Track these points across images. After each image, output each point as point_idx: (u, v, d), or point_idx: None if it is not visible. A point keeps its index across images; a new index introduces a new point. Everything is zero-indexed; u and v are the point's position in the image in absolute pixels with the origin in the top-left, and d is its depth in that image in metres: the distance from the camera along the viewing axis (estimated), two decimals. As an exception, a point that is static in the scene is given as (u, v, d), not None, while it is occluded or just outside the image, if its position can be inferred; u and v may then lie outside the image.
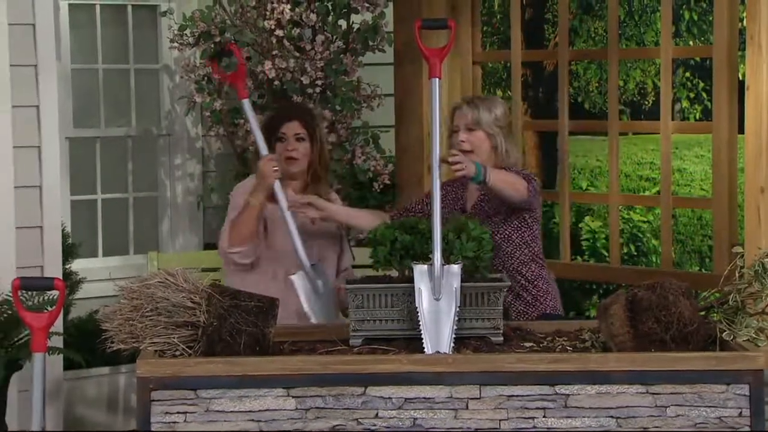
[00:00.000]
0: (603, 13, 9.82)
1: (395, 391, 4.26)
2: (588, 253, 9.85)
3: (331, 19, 7.16)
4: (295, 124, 5.31)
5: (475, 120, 5.28)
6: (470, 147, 5.24)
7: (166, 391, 4.21)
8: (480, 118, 5.27)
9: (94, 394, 7.05)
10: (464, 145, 5.24)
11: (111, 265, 7.41)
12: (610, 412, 4.28)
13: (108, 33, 7.52)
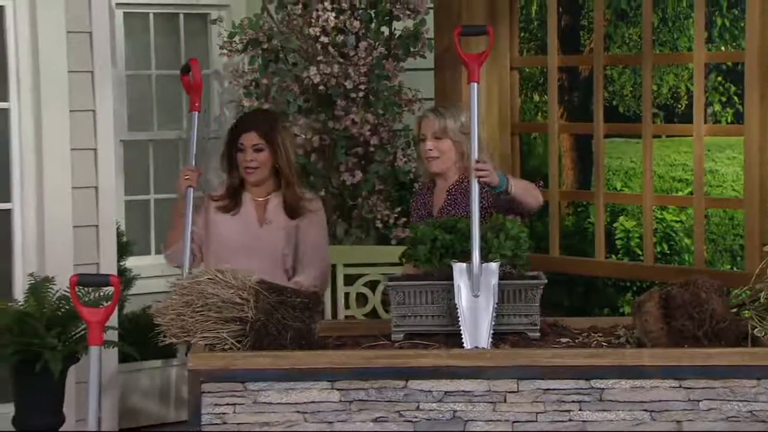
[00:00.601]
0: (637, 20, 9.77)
1: (435, 385, 4.26)
2: (622, 252, 9.79)
3: (374, 26, 7.17)
4: (252, 135, 5.24)
5: (441, 128, 5.23)
6: (437, 154, 5.21)
7: (216, 383, 4.24)
8: (446, 126, 5.22)
9: (147, 386, 7.09)
10: (432, 152, 5.21)
11: (163, 263, 7.42)
12: (644, 406, 4.27)
13: (161, 40, 7.55)
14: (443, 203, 5.20)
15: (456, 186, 5.22)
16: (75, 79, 6.58)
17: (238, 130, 5.31)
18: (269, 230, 5.19)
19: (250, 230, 5.17)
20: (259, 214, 5.25)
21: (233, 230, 5.23)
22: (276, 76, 7.09)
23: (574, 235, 9.33)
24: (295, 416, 4.26)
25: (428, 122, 5.26)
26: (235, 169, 5.34)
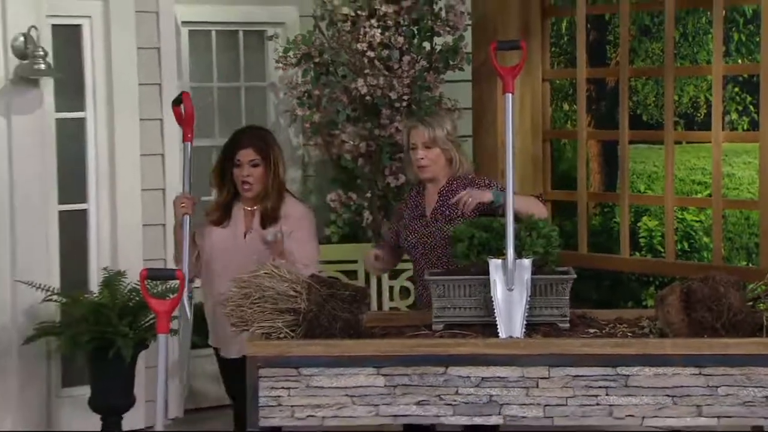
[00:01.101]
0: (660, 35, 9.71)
1: (473, 371, 4.26)
2: (645, 249, 9.75)
3: (417, 42, 7.16)
4: (249, 151, 4.97)
5: (431, 138, 5.08)
6: (428, 163, 5.09)
7: (272, 369, 4.25)
8: (435, 135, 5.08)
9: (210, 371, 7.08)
10: (423, 161, 5.08)
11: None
12: (666, 391, 4.25)
13: (222, 55, 7.57)
14: (436, 204, 5.10)
15: (446, 188, 5.11)
16: (144, 91, 6.64)
17: (235, 146, 5.03)
18: (253, 239, 4.96)
19: (236, 240, 4.97)
20: (247, 223, 5.04)
21: (221, 240, 5.00)
22: (326, 87, 7.10)
23: (601, 233, 9.30)
24: (344, 399, 4.26)
25: (418, 132, 5.11)
26: (228, 183, 5.04)
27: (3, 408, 6.32)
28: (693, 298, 4.38)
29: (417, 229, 5.09)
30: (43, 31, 6.32)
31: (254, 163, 4.85)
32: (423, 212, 5.12)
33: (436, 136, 5.07)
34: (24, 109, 6.35)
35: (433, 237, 5.04)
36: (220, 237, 4.95)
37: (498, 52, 4.72)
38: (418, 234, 5.07)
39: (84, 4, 6.50)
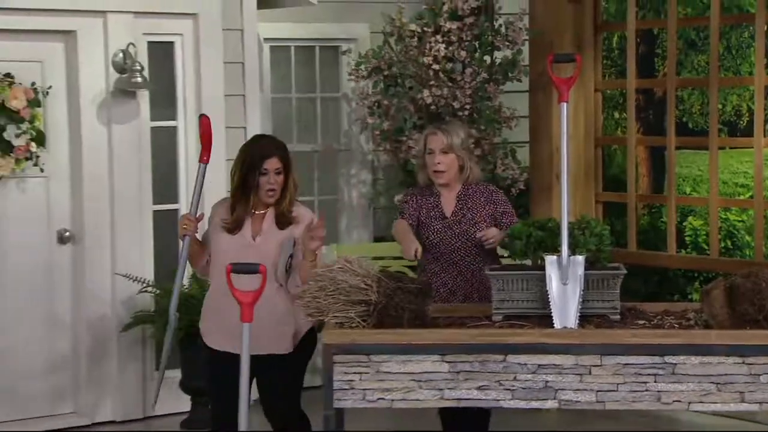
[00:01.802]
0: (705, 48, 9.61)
1: (530, 359, 4.23)
2: (691, 247, 9.63)
3: (478, 55, 7.15)
4: (274, 160, 4.68)
5: (448, 144, 5.03)
6: (444, 168, 5.04)
7: (346, 355, 4.25)
8: (452, 142, 5.03)
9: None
10: (439, 166, 5.03)
11: (301, 255, 7.49)
12: (711, 379, 4.20)
13: (300, 69, 7.62)
14: (455, 208, 5.06)
15: (462, 193, 5.09)
16: (230, 102, 6.68)
17: (261, 156, 4.70)
18: (262, 241, 4.70)
19: (244, 243, 4.69)
20: (255, 227, 4.73)
21: (230, 245, 4.71)
22: (395, 98, 7.11)
23: (649, 232, 9.20)
24: (411, 384, 4.26)
25: (436, 139, 5.05)
26: (252, 193, 4.70)
27: (104, 389, 6.40)
28: (736, 293, 4.33)
29: (440, 230, 5.05)
30: (140, 48, 6.39)
31: (278, 171, 4.67)
32: (442, 214, 5.07)
33: (452, 143, 5.03)
34: (122, 119, 6.43)
35: (458, 239, 5.03)
36: (231, 243, 4.70)
37: (554, 65, 4.69)
38: (440, 234, 5.05)
39: (176, 23, 6.57)
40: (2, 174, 6.14)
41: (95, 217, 6.32)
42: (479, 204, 5.06)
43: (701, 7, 9.74)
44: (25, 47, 6.24)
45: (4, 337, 6.22)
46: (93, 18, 6.34)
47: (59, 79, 6.34)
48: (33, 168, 6.22)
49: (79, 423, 6.37)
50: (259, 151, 4.68)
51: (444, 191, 5.10)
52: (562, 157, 4.65)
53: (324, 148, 7.71)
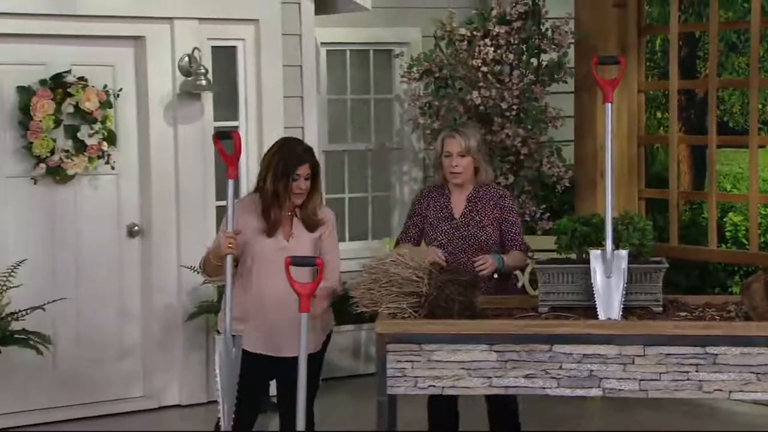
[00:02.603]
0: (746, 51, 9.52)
1: (575, 349, 4.21)
2: (731, 242, 9.54)
3: (525, 58, 7.11)
4: (306, 166, 4.56)
5: (466, 148, 4.94)
6: (461, 170, 4.96)
7: (398, 344, 4.25)
8: (470, 146, 4.95)
9: (343, 345, 7.16)
10: (457, 168, 4.94)
11: (355, 248, 7.51)
12: (751, 369, 4.14)
13: (355, 71, 7.62)
14: (465, 209, 4.98)
15: (473, 195, 5.00)
16: (288, 103, 6.70)
17: (294, 163, 4.56)
18: (295, 243, 4.60)
19: (279, 246, 4.56)
20: (286, 230, 4.60)
21: (267, 248, 4.56)
22: (445, 99, 7.09)
23: (690, 227, 9.12)
24: (460, 372, 4.25)
25: (454, 142, 4.94)
26: (285, 199, 4.57)
27: (170, 374, 6.46)
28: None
29: (447, 231, 4.96)
30: (204, 52, 6.43)
31: (307, 176, 4.57)
32: (451, 214, 4.99)
33: (470, 146, 4.95)
34: (188, 119, 6.47)
35: (465, 241, 4.94)
36: (267, 246, 4.56)
37: (599, 67, 4.66)
38: (448, 236, 4.95)
39: (238, 29, 6.60)
40: (76, 171, 6.20)
41: (162, 213, 6.37)
42: (488, 207, 4.97)
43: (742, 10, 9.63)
44: (98, 52, 6.30)
45: (79, 327, 6.29)
46: (161, 24, 6.38)
47: (129, 82, 6.40)
48: (104, 166, 6.29)
49: (148, 406, 6.44)
50: (293, 158, 4.57)
51: (456, 191, 5.01)
52: (606, 155, 4.62)
53: (377, 147, 7.71)
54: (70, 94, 6.14)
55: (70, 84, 6.15)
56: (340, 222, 7.65)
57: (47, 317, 5.99)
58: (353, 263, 6.34)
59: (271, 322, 4.53)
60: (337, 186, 7.65)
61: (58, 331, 6.14)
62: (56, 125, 6.13)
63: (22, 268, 5.93)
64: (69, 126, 6.17)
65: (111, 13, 6.23)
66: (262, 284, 4.52)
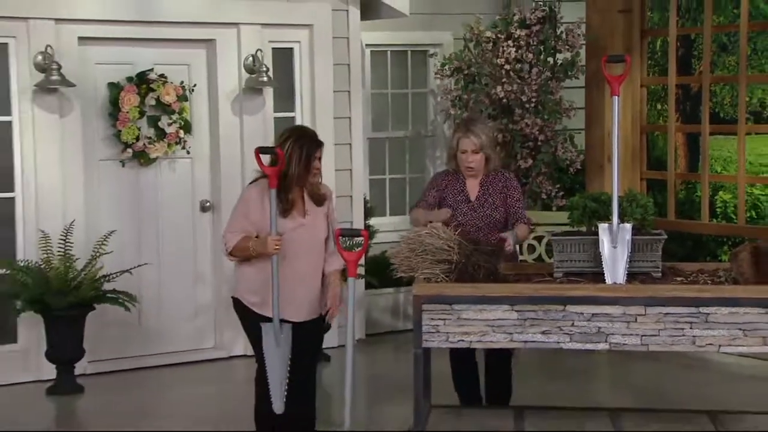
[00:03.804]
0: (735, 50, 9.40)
1: (586, 309, 4.19)
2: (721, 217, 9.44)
3: (542, 57, 7.07)
4: (321, 149, 4.42)
5: (479, 145, 4.81)
6: (475, 165, 4.83)
7: (432, 305, 4.25)
8: (483, 143, 4.82)
9: (384, 305, 7.18)
10: (472, 164, 4.82)
11: (395, 221, 7.52)
12: (738, 326, 4.11)
13: (395, 69, 7.61)
14: (479, 193, 4.87)
15: (485, 180, 4.89)
16: (338, 97, 6.71)
17: (315, 147, 4.42)
18: (312, 219, 4.42)
19: (297, 222, 4.37)
20: (300, 208, 4.40)
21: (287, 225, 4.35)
22: (473, 92, 7.07)
23: (685, 204, 9.04)
24: (485, 328, 4.24)
25: (468, 141, 4.79)
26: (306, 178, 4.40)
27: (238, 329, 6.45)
28: (760, 254, 4.26)
29: (466, 212, 4.85)
30: (265, 53, 6.44)
31: (320, 157, 4.43)
32: (468, 198, 4.87)
33: (482, 143, 4.82)
34: (251, 111, 6.49)
35: (481, 220, 4.86)
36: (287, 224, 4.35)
37: (607, 64, 4.62)
38: (467, 216, 4.84)
39: (295, 33, 6.60)
40: (157, 155, 6.25)
41: (229, 190, 6.40)
42: (498, 190, 4.88)
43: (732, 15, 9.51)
44: (176, 53, 6.34)
45: (160, 288, 6.36)
46: (229, 29, 6.40)
47: (202, 78, 6.42)
48: (181, 151, 6.33)
49: (218, 356, 6.49)
50: (313, 143, 4.42)
51: (470, 178, 4.90)
52: (612, 141, 4.59)
53: (413, 135, 7.70)
54: (153, 89, 6.18)
55: (153, 80, 6.19)
56: (382, 199, 7.67)
57: (133, 279, 6.05)
58: (393, 235, 6.38)
59: (293, 293, 4.35)
60: (379, 168, 7.66)
61: (143, 291, 6.20)
62: (141, 116, 6.17)
63: (112, 238, 5.99)
64: (151, 116, 6.21)
65: (187, 20, 6.26)
66: (288, 260, 4.33)
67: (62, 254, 5.82)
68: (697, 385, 5.79)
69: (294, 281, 4.32)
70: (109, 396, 5.75)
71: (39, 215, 5.96)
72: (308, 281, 4.38)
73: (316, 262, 4.37)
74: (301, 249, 4.32)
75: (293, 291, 4.35)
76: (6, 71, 5.92)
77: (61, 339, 5.77)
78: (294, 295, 4.36)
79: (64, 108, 6.02)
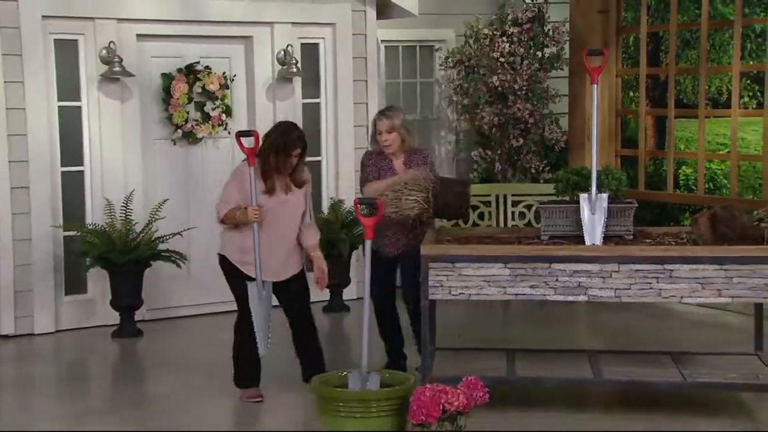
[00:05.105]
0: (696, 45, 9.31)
1: (568, 266, 4.20)
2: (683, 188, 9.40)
3: (532, 51, 7.02)
4: (299, 150, 4.45)
5: (391, 126, 4.73)
6: (390, 143, 4.73)
7: (437, 263, 4.26)
8: (394, 124, 4.73)
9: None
10: (387, 142, 4.73)
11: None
12: (698, 281, 4.13)
13: (405, 61, 7.56)
14: (405, 169, 4.75)
15: (407, 159, 4.78)
16: (356, 85, 6.68)
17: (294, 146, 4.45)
18: (292, 196, 4.51)
19: (281, 200, 4.48)
20: (283, 187, 4.49)
21: (271, 203, 4.46)
22: (472, 82, 7.03)
23: (654, 177, 9.01)
24: (482, 283, 4.25)
25: (383, 123, 4.72)
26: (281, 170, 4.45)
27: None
28: (717, 219, 4.25)
29: None
30: (295, 47, 6.42)
31: (297, 155, 4.44)
32: (394, 173, 4.75)
33: (394, 125, 4.73)
34: (283, 97, 6.48)
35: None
36: (271, 202, 4.46)
37: (588, 57, 4.59)
38: None
39: (321, 30, 6.57)
40: (203, 135, 6.26)
41: (265, 166, 6.39)
42: (418, 163, 4.77)
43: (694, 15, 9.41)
44: (218, 48, 6.32)
45: (206, 248, 6.34)
46: (264, 27, 6.37)
47: (240, 70, 6.41)
48: (223, 132, 6.33)
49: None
50: (290, 145, 4.44)
51: (394, 157, 4.80)
52: (592, 123, 4.57)
53: (421, 118, 7.67)
54: (199, 78, 6.18)
55: (199, 71, 6.19)
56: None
57: (183, 241, 6.07)
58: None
59: (275, 252, 4.45)
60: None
61: (191, 250, 6.22)
62: (189, 101, 6.18)
63: (165, 205, 6.02)
64: (198, 102, 6.21)
65: (228, 20, 6.24)
66: (270, 229, 4.44)
67: (123, 219, 5.85)
68: (661, 330, 5.80)
69: (275, 242, 4.45)
70: (163, 338, 5.80)
71: (104, 186, 6.00)
72: (285, 242, 4.48)
73: (292, 229, 4.50)
74: (283, 219, 4.46)
75: (275, 250, 4.44)
76: (76, 63, 5.94)
77: (123, 290, 5.82)
78: (275, 254, 4.46)
79: (124, 95, 6.02)
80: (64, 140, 5.93)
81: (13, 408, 4.65)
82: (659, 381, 4.25)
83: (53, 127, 5.88)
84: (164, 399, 4.65)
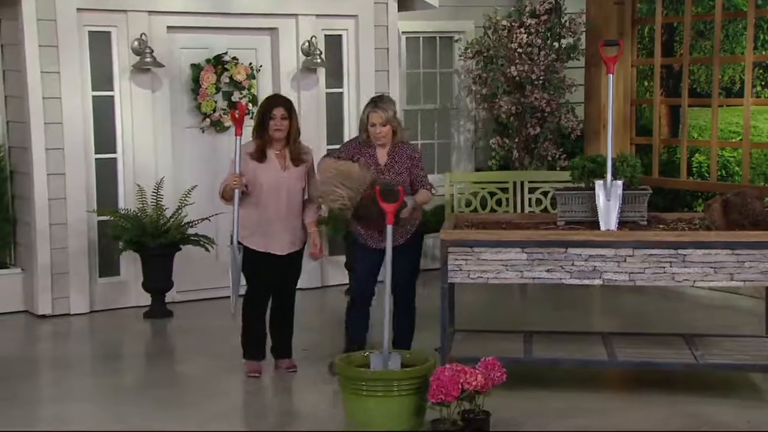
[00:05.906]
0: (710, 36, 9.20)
1: (583, 251, 4.20)
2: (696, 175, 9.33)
3: (549, 42, 6.97)
4: (281, 108, 4.44)
5: (385, 119, 4.58)
6: (383, 135, 4.54)
7: (456, 248, 4.28)
8: (387, 116, 4.58)
9: (416, 247, 7.16)
10: (380, 135, 4.58)
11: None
12: (710, 265, 4.12)
13: (426, 52, 7.54)
14: (387, 161, 4.62)
15: (392, 151, 4.63)
16: (378, 75, 6.67)
17: (271, 104, 4.50)
18: (290, 173, 4.53)
19: (278, 174, 4.50)
20: (280, 162, 4.52)
21: (267, 176, 4.50)
22: (491, 72, 7.00)
23: (667, 164, 8.92)
24: (500, 267, 4.26)
25: (376, 115, 4.54)
26: (265, 132, 4.49)
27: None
28: (729, 205, 4.24)
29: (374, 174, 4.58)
30: (319, 39, 6.42)
31: (284, 117, 4.44)
32: (377, 162, 4.61)
33: (388, 117, 4.59)
34: (307, 87, 6.49)
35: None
36: (267, 174, 4.49)
37: (603, 48, 4.56)
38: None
39: (344, 22, 6.56)
40: (230, 124, 6.28)
41: (290, 153, 6.41)
42: (403, 159, 4.63)
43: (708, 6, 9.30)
44: (245, 39, 6.33)
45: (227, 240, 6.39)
46: (289, 19, 6.37)
47: (266, 60, 6.42)
48: (250, 120, 6.31)
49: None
50: (271, 103, 4.51)
51: (379, 148, 4.66)
52: (607, 112, 4.55)
53: (441, 107, 7.65)
54: (227, 69, 6.20)
55: (227, 62, 6.20)
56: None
57: (211, 225, 6.10)
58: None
59: (277, 229, 4.54)
60: (412, 135, 7.63)
61: (219, 235, 6.25)
62: (217, 91, 6.20)
63: (194, 191, 6.05)
64: (226, 92, 6.23)
65: (255, 12, 6.25)
66: (269, 203, 4.52)
67: (154, 204, 5.89)
68: (674, 313, 5.78)
69: (277, 221, 4.51)
70: (193, 319, 5.86)
71: (135, 172, 6.04)
72: (287, 220, 4.55)
73: (294, 206, 4.57)
74: (282, 196, 4.52)
75: (277, 228, 4.53)
76: (109, 54, 5.97)
77: (154, 273, 5.87)
78: (277, 231, 4.55)
79: (155, 85, 6.05)
80: (98, 128, 5.98)
81: (51, 383, 4.73)
82: (672, 362, 4.24)
83: (87, 116, 5.93)
84: (193, 377, 4.70)
